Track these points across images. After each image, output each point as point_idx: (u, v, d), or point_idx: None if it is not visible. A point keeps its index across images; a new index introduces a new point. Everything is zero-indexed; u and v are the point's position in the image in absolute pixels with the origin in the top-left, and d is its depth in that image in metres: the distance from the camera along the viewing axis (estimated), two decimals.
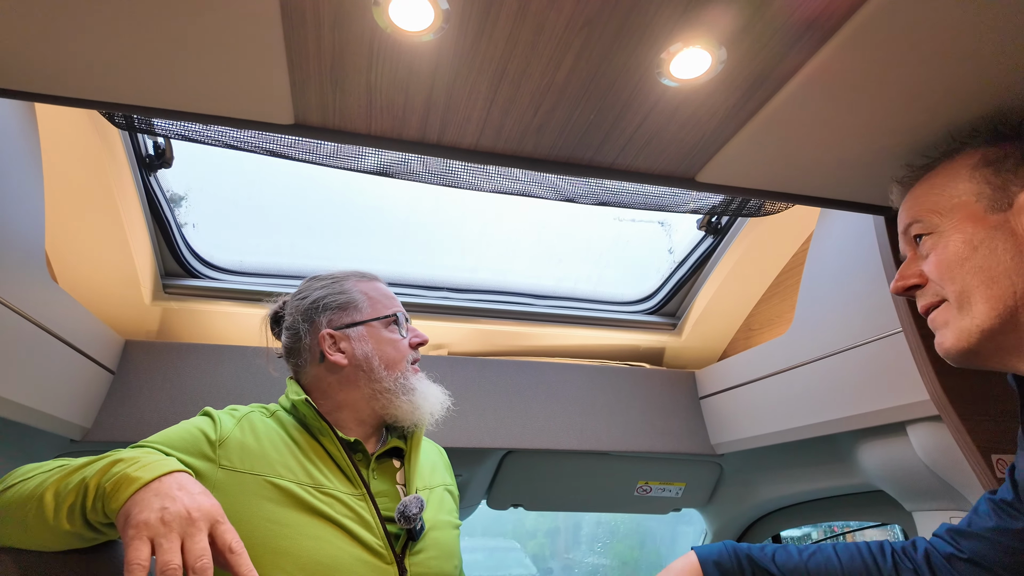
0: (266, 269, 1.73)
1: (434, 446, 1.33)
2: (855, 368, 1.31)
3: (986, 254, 0.73)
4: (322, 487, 1.02)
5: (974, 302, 0.74)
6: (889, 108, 0.85)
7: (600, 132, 0.93)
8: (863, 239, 1.29)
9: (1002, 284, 0.72)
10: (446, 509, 1.18)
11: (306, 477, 1.02)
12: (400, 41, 0.76)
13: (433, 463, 1.25)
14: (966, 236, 0.75)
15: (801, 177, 1.03)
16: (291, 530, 0.96)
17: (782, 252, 1.78)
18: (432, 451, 1.30)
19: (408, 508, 1.02)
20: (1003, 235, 0.73)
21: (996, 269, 0.72)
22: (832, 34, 0.73)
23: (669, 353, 2.07)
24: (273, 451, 1.03)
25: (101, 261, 1.44)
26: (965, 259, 0.75)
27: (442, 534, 1.12)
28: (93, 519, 0.80)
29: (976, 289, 0.73)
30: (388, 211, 1.73)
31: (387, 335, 1.18)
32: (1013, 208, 0.73)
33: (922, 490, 1.31)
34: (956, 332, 0.76)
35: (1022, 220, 0.72)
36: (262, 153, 1.12)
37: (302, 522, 0.97)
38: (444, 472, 1.27)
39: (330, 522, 0.99)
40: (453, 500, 1.25)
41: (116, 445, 1.47)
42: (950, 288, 0.76)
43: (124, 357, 1.53)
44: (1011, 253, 0.72)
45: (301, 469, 1.03)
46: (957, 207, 0.77)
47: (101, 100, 0.86)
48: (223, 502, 0.93)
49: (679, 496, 2.05)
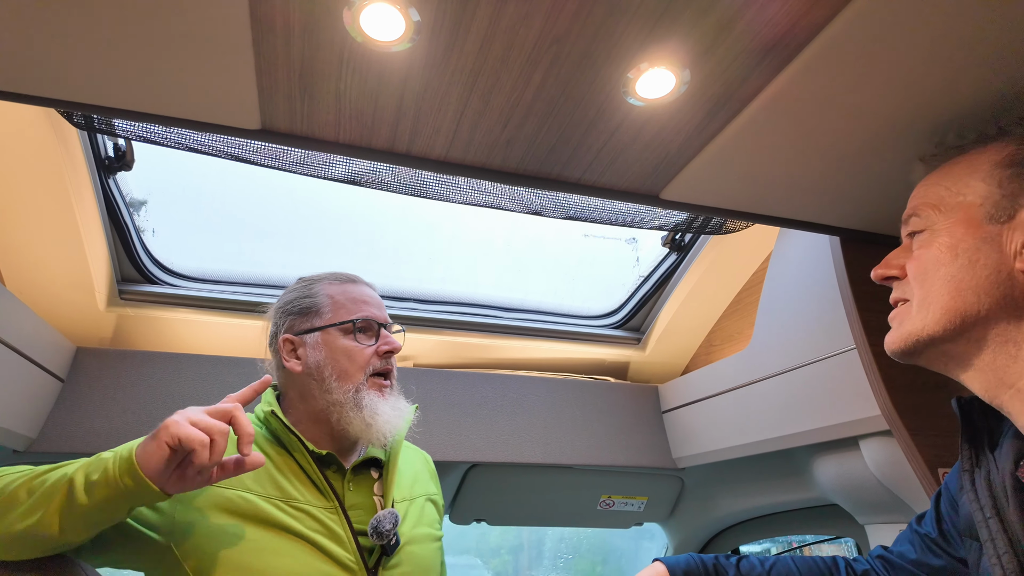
0: (228, 276, 1.69)
1: (419, 453, 1.27)
2: (811, 384, 1.35)
3: (964, 264, 0.70)
4: (292, 501, 0.99)
5: (931, 309, 0.72)
6: (844, 132, 0.88)
7: (567, 148, 0.95)
8: (820, 259, 1.34)
9: (966, 298, 0.69)
10: (427, 521, 1.14)
11: (275, 491, 0.99)
12: (370, 50, 0.76)
13: (416, 472, 1.20)
14: (953, 241, 0.72)
15: (761, 197, 1.07)
16: (256, 545, 0.93)
17: (743, 270, 1.83)
18: (416, 459, 1.24)
19: (381, 523, 0.99)
20: (989, 249, 0.70)
21: (967, 282, 0.70)
22: (791, 59, 0.77)
23: (633, 367, 2.10)
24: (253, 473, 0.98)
25: (54, 265, 1.39)
26: (942, 265, 0.72)
27: (420, 548, 1.08)
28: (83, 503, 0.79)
29: (939, 298, 0.71)
30: (355, 219, 1.72)
31: (343, 343, 1.10)
32: (1011, 223, 0.69)
33: (873, 503, 1.35)
34: (903, 333, 0.75)
35: (1014, 239, 0.69)
36: (227, 158, 1.10)
37: (268, 537, 0.94)
38: (428, 481, 1.23)
39: (299, 537, 0.95)
40: (436, 510, 1.20)
41: (63, 456, 1.41)
42: (918, 291, 0.74)
43: (75, 364, 1.48)
44: (989, 270, 0.69)
45: (271, 483, 0.99)
46: (959, 207, 0.73)
47: (59, 98, 0.84)
48: (187, 517, 0.92)
49: (641, 510, 2.06)
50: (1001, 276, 0.69)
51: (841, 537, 1.94)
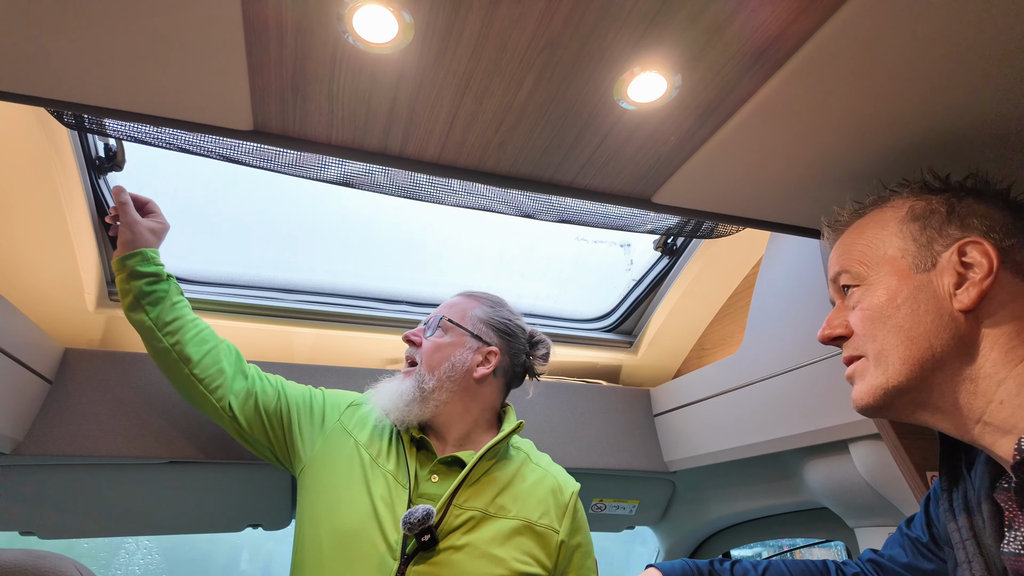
0: (219, 278, 1.69)
1: (553, 481, 1.23)
2: (801, 387, 1.36)
3: (907, 314, 0.73)
4: (379, 460, 1.18)
5: (891, 361, 0.73)
6: (833, 137, 0.89)
7: (560, 151, 0.95)
8: (810, 262, 1.35)
9: (920, 345, 0.71)
10: (499, 541, 1.10)
11: (374, 449, 1.21)
12: (363, 52, 0.76)
13: (528, 494, 1.18)
14: (891, 293, 0.74)
15: (751, 201, 1.07)
16: (344, 478, 1.17)
17: (734, 274, 1.84)
18: (542, 484, 1.21)
19: (412, 515, 1.04)
20: (926, 296, 0.72)
21: (916, 330, 0.72)
22: (781, 65, 0.77)
23: (625, 371, 2.10)
24: (372, 429, 1.25)
25: (42, 265, 1.38)
26: (888, 317, 0.74)
27: (468, 560, 1.06)
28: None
29: (894, 349, 0.73)
30: (348, 221, 1.71)
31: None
32: (936, 268, 0.72)
33: (863, 506, 1.36)
34: (869, 388, 0.75)
35: (944, 282, 0.71)
36: (219, 159, 1.09)
37: (355, 482, 1.15)
38: (546, 511, 1.17)
39: (368, 494, 1.13)
40: (540, 545, 1.13)
41: (50, 458, 1.40)
42: (870, 345, 0.76)
43: (63, 366, 1.46)
44: (932, 315, 0.71)
45: (377, 442, 1.22)
46: (884, 261, 0.77)
47: (49, 97, 0.83)
48: (324, 448, 1.25)
49: (633, 514, 2.07)
50: (943, 319, 0.71)
51: (831, 541, 1.94)
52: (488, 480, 1.16)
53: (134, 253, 1.25)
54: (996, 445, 0.68)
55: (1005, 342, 0.68)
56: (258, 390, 1.30)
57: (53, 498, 1.46)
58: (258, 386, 1.30)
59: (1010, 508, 0.69)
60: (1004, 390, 0.67)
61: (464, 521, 1.10)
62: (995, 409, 0.67)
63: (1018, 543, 0.63)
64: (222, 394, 1.26)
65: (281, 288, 1.73)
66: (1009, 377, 0.67)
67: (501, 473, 1.19)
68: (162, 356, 1.25)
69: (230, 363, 1.29)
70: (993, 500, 0.72)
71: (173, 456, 1.46)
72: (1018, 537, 0.63)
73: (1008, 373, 0.67)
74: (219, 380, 1.26)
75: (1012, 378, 0.67)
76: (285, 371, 1.64)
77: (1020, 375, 0.67)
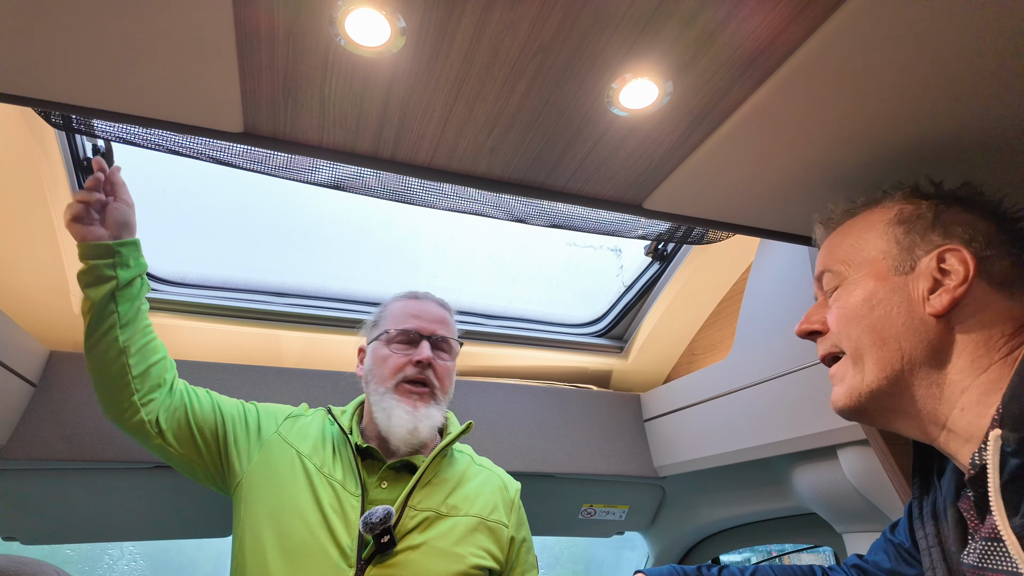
0: (209, 281, 1.67)
1: (499, 479, 1.32)
2: (790, 393, 1.36)
3: (881, 315, 0.74)
4: (324, 469, 1.18)
5: (866, 362, 0.74)
6: (823, 144, 0.90)
7: (552, 156, 0.95)
8: (798, 269, 1.36)
9: (891, 347, 0.72)
10: (455, 539, 1.15)
11: (318, 459, 1.20)
12: (355, 55, 0.76)
13: (478, 493, 1.24)
14: (867, 293, 0.76)
15: (741, 207, 1.08)
16: (288, 490, 1.15)
17: (724, 280, 1.85)
18: (489, 483, 1.28)
19: (371, 515, 1.05)
20: (900, 298, 0.73)
21: (887, 332, 0.73)
22: (771, 73, 0.78)
23: (616, 376, 2.10)
24: (315, 439, 1.24)
25: (28, 267, 1.36)
26: (862, 317, 0.75)
27: (429, 561, 1.09)
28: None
29: (868, 349, 0.74)
30: (339, 225, 1.71)
31: (381, 351, 1.29)
32: (914, 273, 0.74)
33: (851, 511, 1.36)
34: (847, 390, 0.76)
35: (919, 286, 0.72)
36: (209, 161, 1.09)
37: (300, 493, 1.14)
38: (495, 507, 1.25)
39: (316, 504, 1.12)
40: (493, 540, 1.20)
41: (35, 463, 1.38)
42: (846, 343, 0.77)
43: (48, 369, 1.45)
44: (903, 318, 0.72)
45: (320, 453, 1.21)
46: (865, 261, 0.78)
47: (37, 97, 0.82)
48: (263, 460, 1.21)
49: (623, 519, 2.07)
50: (915, 322, 0.72)
51: (820, 546, 1.95)
52: (439, 482, 1.21)
53: (131, 241, 1.16)
54: (959, 453, 0.69)
55: (973, 350, 0.69)
56: (189, 404, 1.24)
57: (36, 503, 1.44)
58: (188, 400, 1.24)
59: (971, 517, 0.69)
60: (966, 398, 0.68)
61: (420, 522, 1.14)
62: (957, 416, 0.68)
63: (976, 555, 0.62)
64: (153, 407, 1.19)
65: (270, 291, 1.73)
66: (972, 386, 0.68)
67: (449, 474, 1.25)
68: (106, 354, 1.13)
69: (167, 380, 1.23)
70: (958, 509, 0.72)
71: (158, 460, 1.44)
72: (977, 549, 0.63)
73: (972, 382, 0.68)
74: (154, 394, 1.19)
75: (975, 387, 0.67)
76: (274, 375, 1.63)
77: (983, 384, 0.67)
